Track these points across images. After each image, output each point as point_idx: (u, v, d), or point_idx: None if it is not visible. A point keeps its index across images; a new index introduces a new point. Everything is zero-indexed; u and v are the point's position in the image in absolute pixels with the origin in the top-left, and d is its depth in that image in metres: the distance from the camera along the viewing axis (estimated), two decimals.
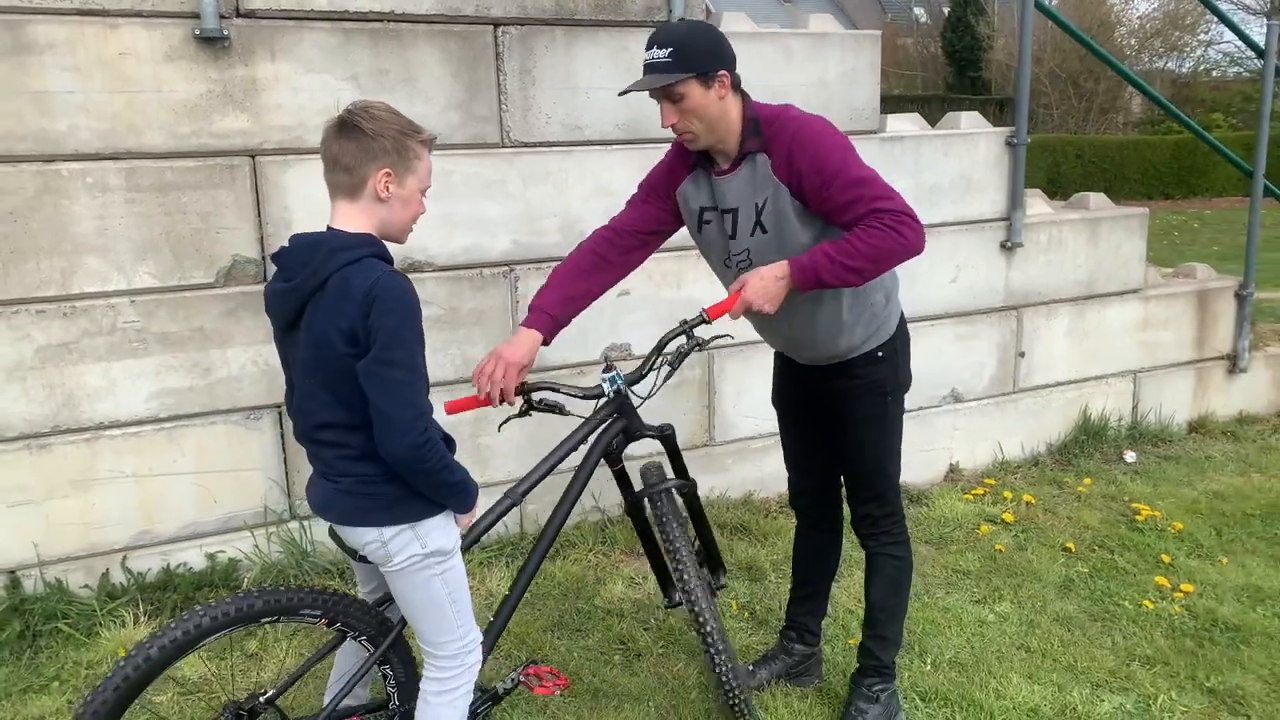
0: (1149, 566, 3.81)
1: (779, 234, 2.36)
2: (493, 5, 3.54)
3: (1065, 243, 4.83)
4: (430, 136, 2.01)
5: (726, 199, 2.41)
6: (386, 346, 1.86)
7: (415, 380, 1.89)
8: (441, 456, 1.95)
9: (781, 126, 2.32)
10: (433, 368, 3.65)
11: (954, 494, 4.51)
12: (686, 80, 2.23)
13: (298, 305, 1.93)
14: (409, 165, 1.95)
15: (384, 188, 1.93)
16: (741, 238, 2.41)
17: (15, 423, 3.17)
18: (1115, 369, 5.12)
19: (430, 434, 1.91)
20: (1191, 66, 24.63)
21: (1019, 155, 4.58)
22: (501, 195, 3.67)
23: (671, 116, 2.30)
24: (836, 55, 4.15)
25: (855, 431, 2.64)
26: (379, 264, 1.90)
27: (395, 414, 1.87)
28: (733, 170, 2.39)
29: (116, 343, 3.24)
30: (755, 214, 2.36)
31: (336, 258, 1.88)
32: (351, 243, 1.91)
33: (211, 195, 3.27)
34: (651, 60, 2.26)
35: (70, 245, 3.13)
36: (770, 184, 2.32)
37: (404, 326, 1.87)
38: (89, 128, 3.09)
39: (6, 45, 2.97)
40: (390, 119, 1.93)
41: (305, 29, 3.31)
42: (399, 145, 1.92)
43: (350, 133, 1.90)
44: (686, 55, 2.22)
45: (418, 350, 1.91)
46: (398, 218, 1.99)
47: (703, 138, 2.33)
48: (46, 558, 3.26)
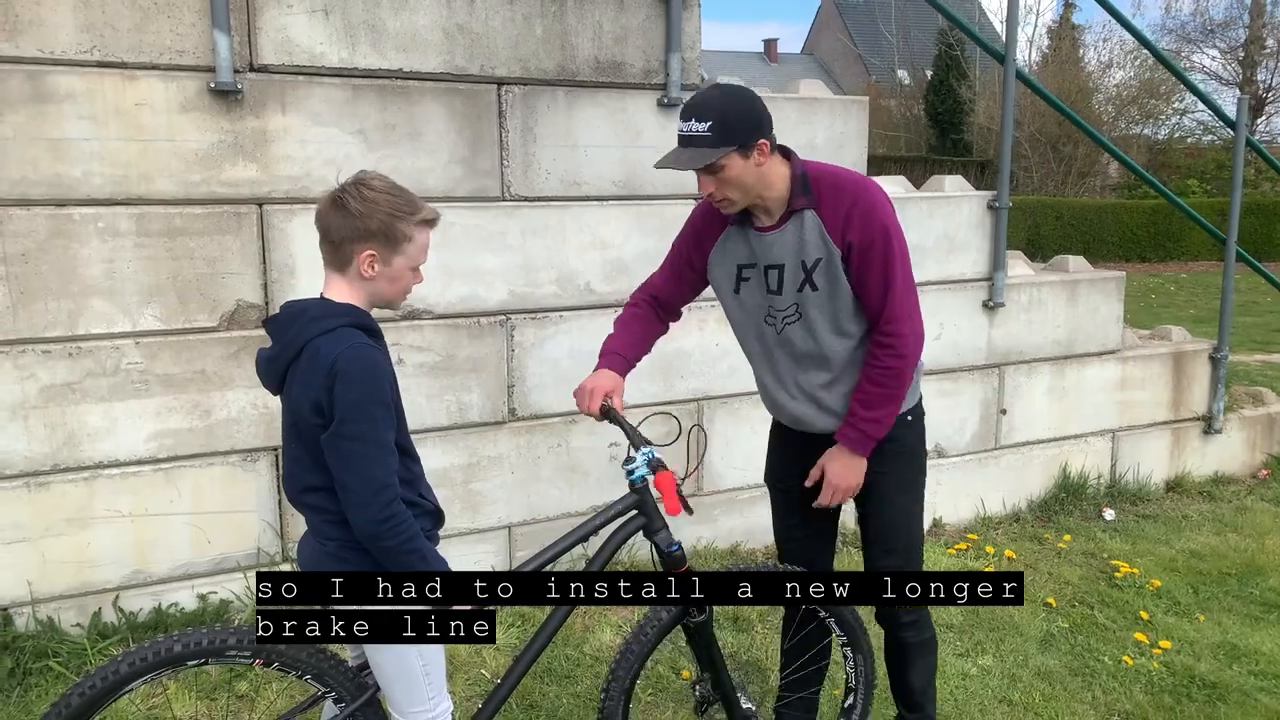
0: (1128, 623, 3.88)
1: (831, 292, 2.36)
2: (497, 65, 3.67)
3: (1045, 303, 4.97)
4: (430, 216, 2.00)
5: (771, 255, 2.39)
6: (344, 420, 1.85)
7: (376, 453, 1.87)
8: (405, 538, 1.90)
9: (838, 187, 2.33)
10: (428, 414, 3.75)
11: (938, 549, 4.58)
12: (728, 153, 2.21)
13: (280, 373, 1.95)
14: (396, 247, 1.94)
15: (368, 267, 1.93)
16: (788, 293, 2.40)
17: (15, 460, 3.20)
18: (1094, 428, 5.23)
19: (393, 510, 1.88)
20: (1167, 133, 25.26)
21: (1001, 218, 4.73)
22: (501, 247, 3.77)
23: (709, 186, 2.28)
24: (825, 120, 4.30)
25: (881, 496, 2.56)
26: (353, 334, 1.90)
27: (354, 486, 1.86)
28: (779, 226, 2.37)
29: (119, 383, 3.30)
30: (804, 271, 2.36)
31: (312, 328, 1.90)
32: (329, 312, 1.93)
33: (219, 241, 3.36)
34: (689, 133, 2.21)
35: (78, 287, 3.20)
36: (823, 245, 2.32)
37: (366, 400, 1.86)
38: (102, 174, 3.18)
39: (27, 94, 3.06)
40: (382, 199, 1.92)
41: (315, 84, 3.43)
42: (386, 227, 1.91)
43: (339, 209, 1.91)
44: (726, 128, 2.18)
45: (381, 423, 1.89)
46: (385, 292, 1.99)
47: (739, 203, 2.33)
48: (40, 595, 3.28)
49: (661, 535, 2.38)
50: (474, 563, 3.87)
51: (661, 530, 2.38)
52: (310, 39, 3.40)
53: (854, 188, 2.33)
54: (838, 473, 2.43)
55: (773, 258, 2.39)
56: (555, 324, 3.91)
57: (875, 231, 2.29)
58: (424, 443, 3.74)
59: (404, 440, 1.99)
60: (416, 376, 3.70)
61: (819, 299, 2.38)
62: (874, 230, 2.29)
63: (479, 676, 3.33)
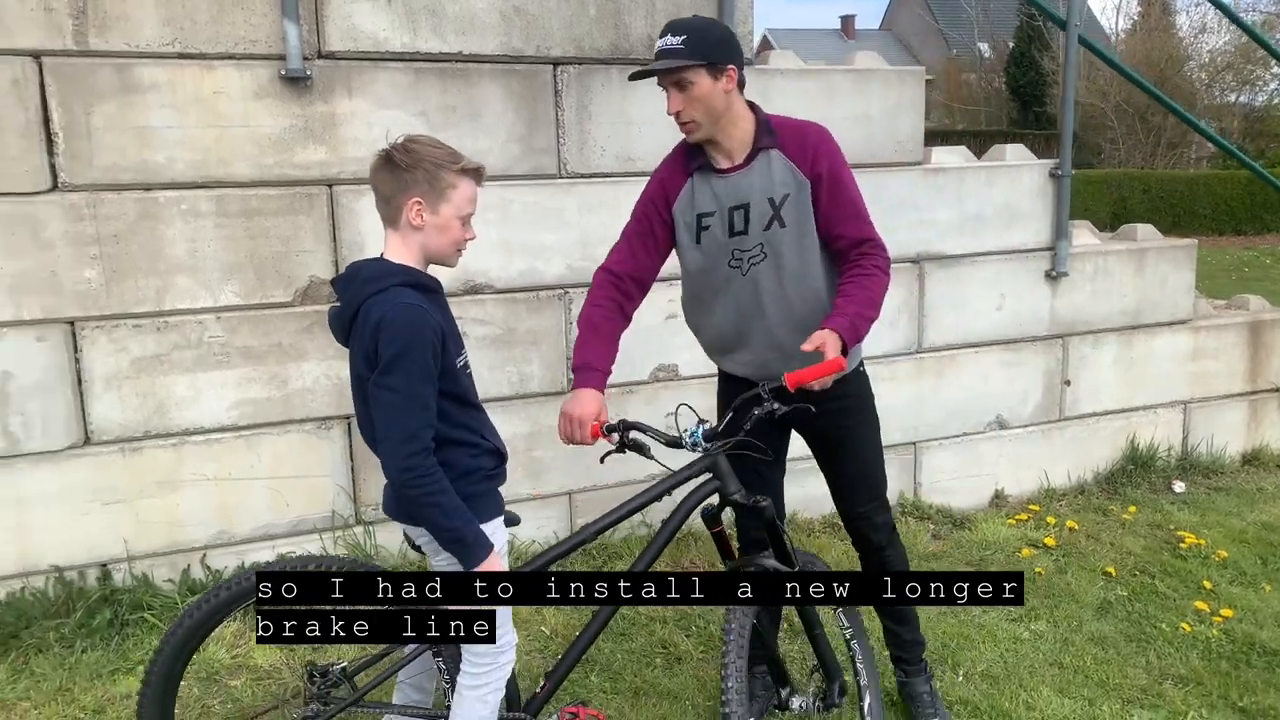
0: (1190, 592, 3.84)
1: (799, 227, 2.49)
2: (552, 46, 3.79)
3: (1111, 272, 4.89)
4: (472, 166, 2.13)
5: (737, 194, 2.51)
6: (384, 371, 1.99)
7: (408, 404, 2.00)
8: (426, 491, 2.01)
9: (800, 130, 2.52)
10: (489, 385, 3.91)
11: (998, 519, 4.58)
12: (696, 68, 2.36)
13: (344, 329, 2.12)
14: (442, 194, 2.08)
15: (416, 216, 2.08)
16: (754, 232, 2.52)
17: (111, 427, 3.46)
18: (1164, 399, 5.14)
19: (417, 461, 1.99)
20: (1265, 100, 24.16)
21: (1063, 186, 4.68)
22: (558, 223, 3.89)
23: (677, 104, 2.42)
24: (879, 91, 4.31)
25: (853, 446, 2.79)
26: (402, 292, 2.04)
27: (385, 433, 2.01)
28: (745, 166, 2.51)
29: (203, 355, 3.52)
30: (772, 208, 2.49)
31: (366, 288, 2.05)
32: (382, 272, 2.08)
33: (292, 221, 3.55)
34: (664, 47, 2.39)
35: (164, 265, 3.43)
36: (792, 180, 2.48)
37: (405, 355, 1.99)
38: (184, 159, 3.40)
39: (115, 86, 3.29)
40: (425, 151, 2.07)
41: (380, 68, 3.59)
42: (430, 176, 2.06)
43: (387, 165, 2.08)
44: (699, 44, 2.36)
45: (417, 378, 2.00)
46: (435, 243, 2.12)
47: (704, 129, 2.46)
48: (135, 553, 3.53)
49: (740, 494, 2.39)
50: (536, 528, 4.02)
51: (739, 489, 2.40)
52: (374, 25, 3.56)
53: (814, 129, 2.55)
54: (836, 354, 2.31)
55: (739, 197, 2.52)
56: None
57: (839, 164, 2.49)
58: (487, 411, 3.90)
59: (460, 390, 2.14)
60: (479, 349, 3.85)
61: (788, 236, 2.50)
62: (838, 163, 2.49)
63: (539, 633, 3.48)
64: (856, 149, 4.27)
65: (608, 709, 3.01)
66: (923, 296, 4.55)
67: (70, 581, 3.46)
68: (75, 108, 3.25)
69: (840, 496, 2.86)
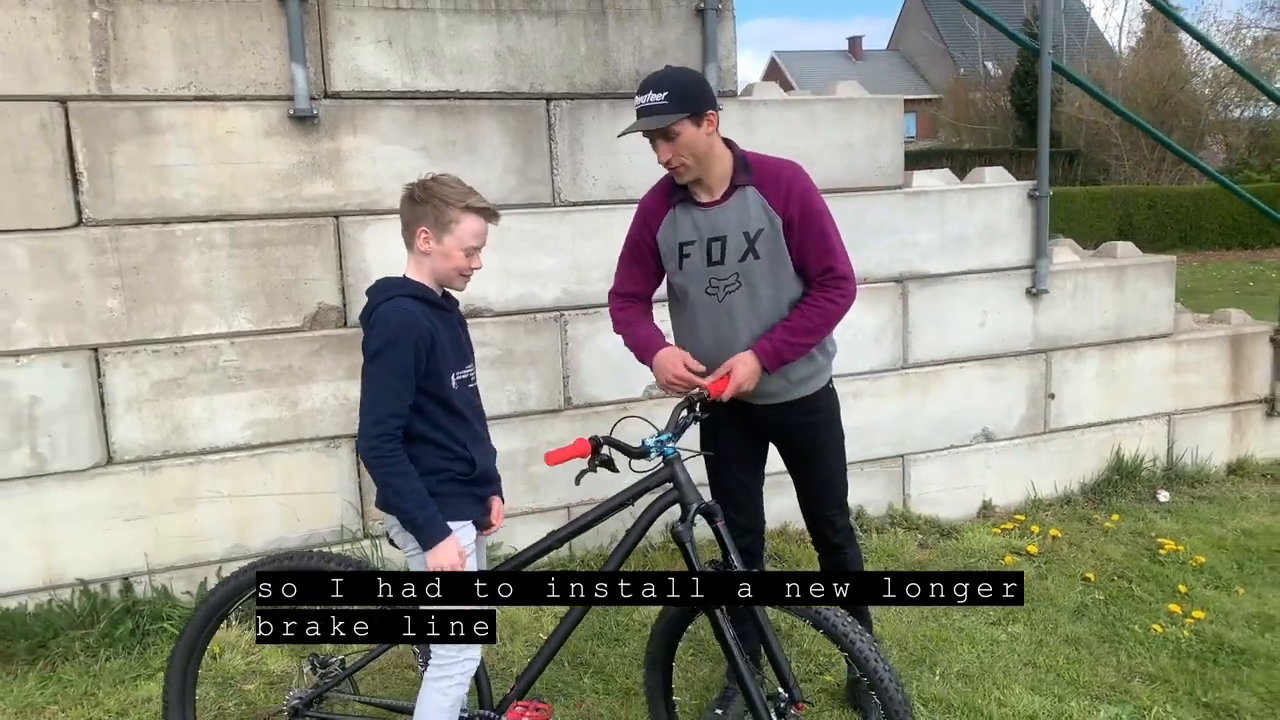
0: (1165, 596, 3.98)
1: (772, 258, 2.71)
2: (546, 83, 4.01)
3: (1091, 289, 5.06)
4: (479, 205, 2.41)
5: (716, 227, 2.73)
6: (369, 359, 2.32)
7: (381, 392, 2.29)
8: (384, 471, 2.27)
9: (776, 169, 2.72)
10: (489, 403, 4.08)
11: (984, 529, 4.73)
12: (682, 120, 2.58)
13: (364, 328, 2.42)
14: (445, 227, 2.38)
15: (424, 242, 2.40)
16: (730, 263, 2.73)
17: (132, 447, 3.67)
18: (1147, 411, 5.29)
19: (380, 444, 2.26)
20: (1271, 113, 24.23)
21: (1042, 207, 4.85)
22: (553, 249, 4.10)
23: (667, 153, 2.64)
24: (860, 119, 4.51)
25: (824, 455, 3.01)
26: (403, 300, 2.35)
27: (361, 413, 2.30)
28: (723, 201, 2.73)
29: (218, 379, 3.74)
30: (747, 241, 2.70)
31: (377, 296, 2.39)
32: (392, 285, 2.41)
33: (300, 250, 3.77)
34: (648, 104, 2.59)
35: (181, 294, 3.65)
36: (766, 217, 2.68)
37: (387, 349, 2.29)
38: (199, 194, 3.63)
39: (135, 127, 3.52)
40: (437, 189, 2.38)
41: (383, 107, 3.81)
42: (438, 210, 2.37)
43: (407, 198, 2.43)
44: (680, 97, 2.57)
45: (394, 371, 2.28)
46: (441, 268, 2.42)
47: (692, 170, 2.68)
48: (155, 566, 3.73)
49: (698, 504, 2.54)
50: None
51: (696, 499, 2.55)
52: (377, 66, 3.79)
53: (789, 169, 2.73)
54: (744, 375, 2.68)
55: (717, 230, 2.73)
56: (606, 319, 4.12)
57: (816, 204, 2.69)
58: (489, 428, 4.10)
59: (447, 398, 2.38)
60: (480, 369, 4.02)
61: (761, 266, 2.71)
62: (814, 202, 2.69)
63: (537, 639, 3.66)
64: (838, 175, 4.47)
65: (599, 708, 3.18)
66: (906, 314, 4.73)
67: (94, 594, 3.66)
68: (99, 148, 3.49)
69: (807, 500, 3.08)
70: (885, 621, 3.76)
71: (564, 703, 3.25)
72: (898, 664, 3.46)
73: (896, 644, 3.59)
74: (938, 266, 4.75)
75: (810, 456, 3.00)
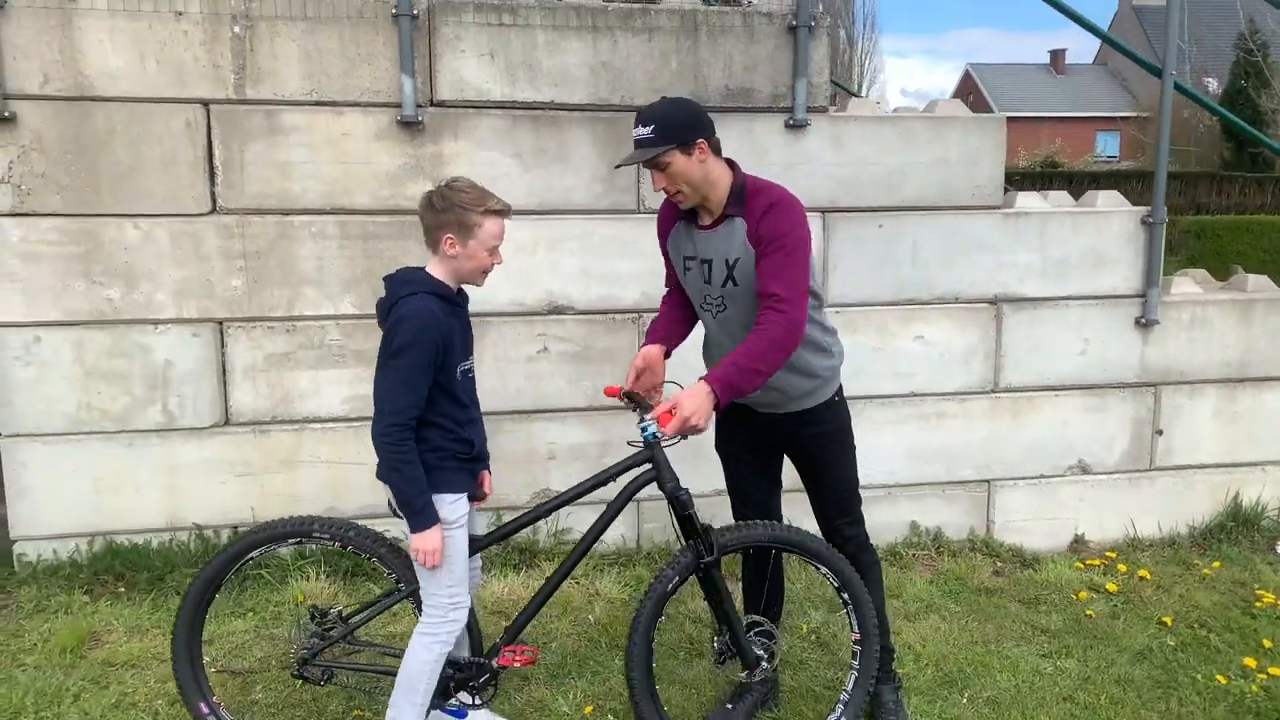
0: (1245, 649, 3.76)
1: (748, 288, 2.79)
2: (635, 95, 4.21)
3: (1211, 322, 4.79)
4: (499, 208, 2.59)
5: (706, 250, 2.86)
6: (394, 354, 2.50)
7: (396, 384, 2.48)
8: (397, 457, 2.48)
9: (766, 200, 2.74)
10: (567, 396, 4.36)
11: (1067, 562, 4.58)
12: (669, 151, 2.66)
13: (382, 316, 2.62)
14: (469, 231, 2.56)
15: (450, 247, 2.57)
16: (715, 285, 2.87)
17: (246, 411, 4.13)
18: (1275, 456, 4.95)
19: (391, 433, 2.47)
20: None
21: (1156, 233, 4.65)
22: (635, 253, 4.30)
23: (661, 182, 2.74)
24: (958, 137, 4.48)
25: (831, 467, 3.06)
26: (425, 298, 2.53)
27: (380, 403, 2.51)
28: (713, 227, 2.83)
29: (323, 355, 4.15)
30: (727, 269, 2.81)
31: (399, 290, 2.58)
32: (413, 280, 2.60)
33: (401, 245, 4.13)
34: (638, 137, 2.69)
35: (295, 278, 4.09)
36: (743, 247, 2.76)
37: (412, 346, 2.47)
38: (316, 190, 4.05)
39: (265, 128, 3.98)
40: (458, 198, 2.54)
41: (483, 115, 4.13)
42: (460, 218, 2.54)
43: (428, 205, 2.59)
44: (667, 129, 2.65)
45: (417, 367, 2.47)
46: (465, 268, 2.62)
47: (691, 197, 2.78)
48: (259, 519, 4.18)
49: (670, 485, 2.79)
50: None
51: (671, 481, 2.79)
52: (479, 78, 4.10)
53: (780, 200, 2.73)
54: (689, 407, 2.55)
55: (708, 253, 2.84)
56: None
57: (782, 231, 2.67)
58: (565, 420, 4.37)
59: (453, 388, 2.61)
60: (559, 363, 4.31)
61: (739, 293, 2.81)
62: (781, 230, 2.67)
63: (584, 620, 3.87)
64: (933, 193, 4.46)
65: (622, 686, 3.35)
66: (1000, 337, 4.64)
67: (207, 538, 4.15)
68: (233, 145, 3.96)
69: (817, 509, 3.14)
70: (931, 641, 3.74)
71: (590, 679, 3.44)
72: (930, 682, 3.46)
73: (934, 663, 3.58)
74: (1036, 290, 4.64)
75: (816, 467, 3.07)
